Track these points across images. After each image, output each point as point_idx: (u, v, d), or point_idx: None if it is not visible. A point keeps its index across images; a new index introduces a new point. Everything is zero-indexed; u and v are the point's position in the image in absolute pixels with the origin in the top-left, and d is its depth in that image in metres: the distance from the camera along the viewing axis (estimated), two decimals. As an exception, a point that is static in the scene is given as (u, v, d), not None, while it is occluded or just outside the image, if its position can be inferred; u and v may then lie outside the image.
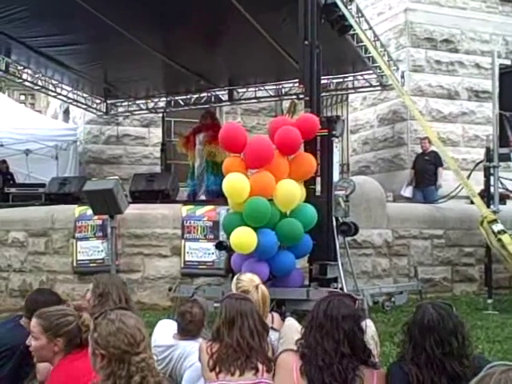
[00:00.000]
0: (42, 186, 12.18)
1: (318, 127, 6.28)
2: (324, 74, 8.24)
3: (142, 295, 8.05)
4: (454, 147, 11.89)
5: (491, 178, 7.97)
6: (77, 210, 8.48)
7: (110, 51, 10.62)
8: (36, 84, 12.97)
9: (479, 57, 12.27)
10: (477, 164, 9.03)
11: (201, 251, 8.09)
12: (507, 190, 8.81)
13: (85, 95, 14.19)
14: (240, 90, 13.58)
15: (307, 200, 6.27)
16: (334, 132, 6.55)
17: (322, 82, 8.09)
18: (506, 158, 8.41)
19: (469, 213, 8.85)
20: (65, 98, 14.13)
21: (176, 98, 14.10)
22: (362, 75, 12.05)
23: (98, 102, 14.62)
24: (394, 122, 12.22)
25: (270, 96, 13.69)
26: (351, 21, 8.08)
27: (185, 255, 8.14)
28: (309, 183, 6.40)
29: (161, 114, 14.79)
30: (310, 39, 6.71)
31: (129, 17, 8.93)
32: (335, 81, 12.43)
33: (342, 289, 6.39)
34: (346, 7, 8.00)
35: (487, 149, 8.24)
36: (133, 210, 7.89)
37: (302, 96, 7.32)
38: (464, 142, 12.14)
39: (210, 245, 7.84)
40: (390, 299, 7.53)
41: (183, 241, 8.17)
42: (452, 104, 12.14)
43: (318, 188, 6.47)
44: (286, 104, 14.55)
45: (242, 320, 3.19)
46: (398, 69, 11.46)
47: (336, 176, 6.68)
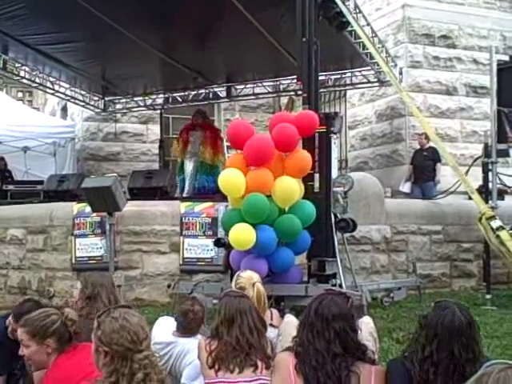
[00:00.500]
0: (40, 183, 12.16)
1: (317, 124, 6.29)
2: (322, 70, 8.25)
3: (141, 292, 8.06)
4: (452, 143, 11.89)
5: (489, 174, 7.99)
6: (75, 207, 8.48)
7: (108, 48, 10.60)
8: (34, 81, 12.93)
9: (477, 52, 12.26)
10: (475, 160, 9.05)
11: (199, 248, 8.10)
12: (505, 185, 8.82)
13: (83, 92, 14.15)
14: (238, 87, 13.56)
15: (306, 196, 6.29)
16: (332, 128, 6.57)
17: (320, 78, 8.10)
18: (504, 154, 8.44)
19: (467, 208, 8.86)
20: (63, 96, 14.11)
21: (174, 95, 14.06)
22: (360, 71, 12.03)
23: (96, 99, 14.58)
24: (392, 117, 12.22)
25: (268, 92, 13.65)
26: (349, 17, 8.08)
27: (183, 252, 8.15)
28: (307, 180, 6.42)
29: (159, 111, 14.77)
30: (308, 36, 6.72)
31: (127, 14, 8.92)
32: (333, 77, 12.40)
33: (340, 285, 6.42)
34: (343, 3, 7.99)
35: (485, 145, 8.26)
36: (131, 206, 7.90)
37: (300, 92, 7.33)
38: (462, 137, 12.14)
39: (209, 241, 7.86)
40: (388, 295, 7.55)
41: (182, 237, 8.18)
42: (450, 100, 12.14)
43: (317, 184, 6.50)
44: (284, 100, 14.58)
45: (241, 318, 3.21)
46: (396, 65, 11.45)
47: (334, 172, 6.70)
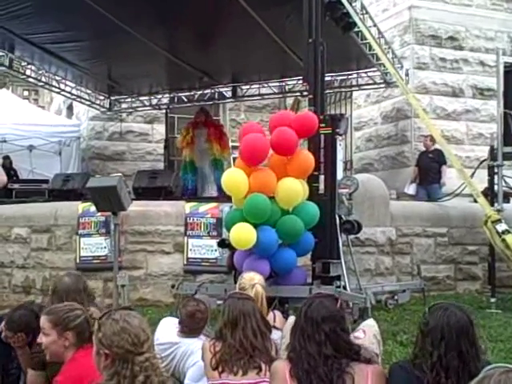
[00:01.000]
0: (45, 181, 12.19)
1: (316, 125, 6.23)
2: (328, 71, 8.22)
3: (145, 292, 8.05)
4: (458, 145, 11.85)
5: (495, 177, 7.95)
6: (80, 206, 8.48)
7: (114, 48, 10.60)
8: (39, 80, 12.96)
9: (484, 54, 12.22)
10: (481, 162, 9.00)
11: (204, 248, 8.09)
12: (511, 188, 8.78)
13: (88, 91, 14.18)
14: (243, 87, 13.55)
15: (310, 198, 6.27)
16: (337, 130, 6.54)
17: (326, 79, 8.08)
18: (511, 157, 8.39)
19: (472, 211, 8.82)
20: (68, 95, 14.13)
21: (179, 95, 14.08)
22: (365, 72, 12.02)
23: (102, 98, 14.61)
24: (397, 119, 12.19)
25: (274, 93, 13.64)
26: (355, 18, 8.06)
27: (188, 252, 8.13)
28: (312, 181, 6.39)
29: (164, 111, 14.79)
30: (314, 37, 6.69)
31: (132, 13, 8.92)
32: (339, 78, 12.39)
33: (344, 287, 6.40)
34: (350, 4, 7.97)
35: (491, 147, 8.22)
36: (136, 206, 7.88)
37: (305, 93, 7.31)
38: (468, 139, 12.09)
39: (213, 242, 7.83)
40: (392, 297, 7.52)
41: (186, 238, 8.17)
42: (456, 102, 12.09)
43: (322, 186, 6.47)
44: (290, 101, 14.58)
45: (244, 320, 3.20)
46: (402, 66, 11.43)
47: (340, 174, 6.67)
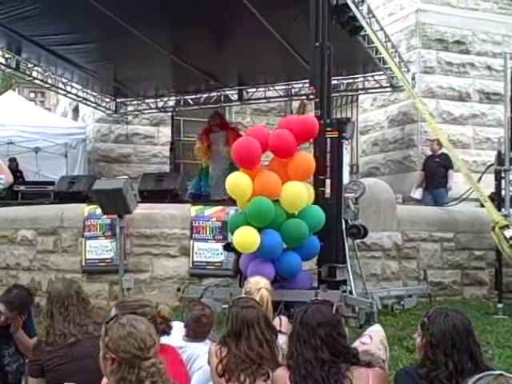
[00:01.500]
0: (51, 183, 12.23)
1: (316, 129, 6.22)
2: (334, 74, 8.19)
3: (150, 295, 8.01)
4: (465, 149, 11.81)
5: (502, 182, 7.92)
6: (86, 208, 8.47)
7: (120, 50, 10.62)
8: (46, 82, 13.00)
9: (491, 58, 12.18)
10: (487, 167, 8.97)
11: (209, 252, 8.07)
12: (518, 193, 8.74)
13: (94, 94, 14.22)
14: (250, 90, 13.56)
15: (316, 202, 6.25)
16: (344, 134, 6.52)
17: (332, 82, 8.05)
18: (518, 162, 8.35)
19: (479, 216, 8.79)
20: (74, 97, 14.17)
21: (185, 98, 14.10)
22: (372, 76, 12.01)
23: (108, 100, 14.65)
24: (404, 123, 12.16)
25: (280, 96, 13.65)
26: (362, 22, 8.05)
27: (193, 255, 8.11)
28: (318, 185, 6.38)
29: (170, 113, 14.79)
30: (321, 41, 6.67)
31: (139, 16, 8.93)
32: (345, 81, 12.39)
33: (350, 292, 6.38)
34: (357, 8, 7.96)
35: (498, 152, 8.19)
36: (141, 209, 7.88)
37: (312, 97, 7.29)
38: (475, 144, 12.05)
39: (219, 245, 7.81)
40: (399, 302, 7.50)
41: (192, 241, 8.14)
42: (463, 106, 12.06)
43: (328, 190, 6.46)
44: (296, 104, 14.59)
45: (248, 330, 3.17)
46: (408, 70, 11.40)
47: (346, 178, 6.65)
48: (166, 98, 14.38)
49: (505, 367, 5.11)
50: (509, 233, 6.85)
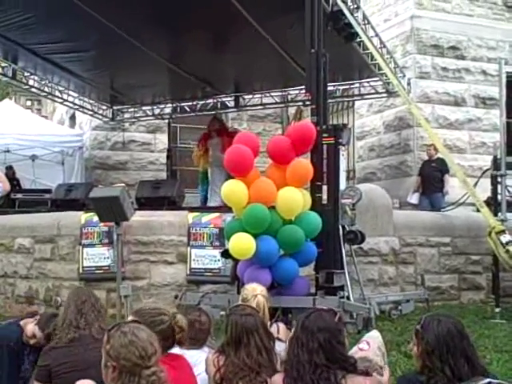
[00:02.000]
0: (48, 191, 12.21)
1: (313, 135, 6.22)
2: (330, 80, 8.23)
3: (148, 302, 8.00)
4: (461, 154, 11.85)
5: (498, 187, 7.94)
6: (83, 216, 8.47)
7: (117, 58, 10.63)
8: (42, 90, 13.02)
9: (486, 64, 12.24)
10: (484, 172, 8.99)
11: (207, 258, 8.07)
12: (515, 198, 8.76)
13: (91, 101, 14.23)
14: (246, 97, 13.59)
15: (313, 208, 6.27)
16: (340, 140, 6.55)
17: (328, 88, 8.07)
18: (514, 167, 8.39)
19: (476, 220, 8.80)
20: (71, 104, 14.18)
21: (182, 105, 14.12)
22: (368, 82, 12.05)
23: (104, 108, 14.66)
24: (400, 128, 12.19)
25: (276, 102, 13.69)
26: (357, 29, 8.08)
27: (191, 262, 8.11)
28: (315, 191, 6.39)
29: (167, 120, 14.81)
30: (317, 47, 6.70)
31: (136, 24, 8.95)
32: (341, 87, 12.43)
33: (348, 297, 6.39)
34: (352, 15, 8.01)
35: (494, 157, 8.21)
36: (139, 217, 7.89)
37: (308, 103, 7.32)
38: (471, 149, 12.09)
39: (216, 252, 7.82)
40: (396, 307, 7.49)
41: (189, 248, 8.15)
42: (458, 111, 12.10)
43: (325, 196, 6.48)
44: (292, 110, 14.60)
45: (247, 338, 3.16)
46: (404, 76, 11.45)
47: (343, 184, 6.68)
48: (162, 105, 14.40)
49: (503, 372, 5.11)
50: (505, 238, 6.86)
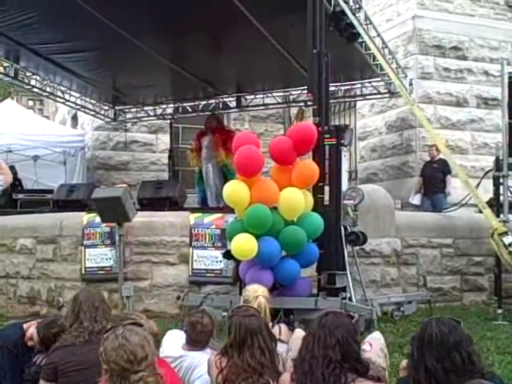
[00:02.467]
0: (50, 192, 12.20)
1: (314, 135, 6.19)
2: (332, 80, 8.21)
3: (150, 303, 8.03)
4: (463, 155, 11.84)
5: (500, 188, 7.93)
6: (85, 217, 8.47)
7: (119, 58, 10.63)
8: (44, 90, 13.02)
9: (488, 64, 12.22)
10: (486, 173, 8.97)
11: (209, 259, 8.06)
12: (517, 198, 8.74)
13: (93, 101, 14.23)
14: (248, 97, 13.58)
15: (315, 209, 6.25)
16: (342, 141, 6.54)
17: (330, 89, 8.07)
18: (516, 168, 8.37)
19: (478, 221, 8.78)
20: (73, 105, 14.18)
21: (184, 105, 14.12)
22: (370, 82, 12.04)
23: (106, 108, 14.66)
24: (402, 129, 12.18)
25: (278, 103, 13.68)
26: (359, 29, 8.07)
27: (193, 263, 8.11)
28: (317, 192, 6.38)
29: (169, 121, 14.80)
30: (319, 48, 6.68)
31: (138, 24, 8.94)
32: (343, 88, 12.41)
33: (350, 298, 6.38)
34: (354, 15, 7.99)
35: (497, 158, 8.20)
36: (141, 217, 7.89)
37: (310, 103, 7.31)
38: (473, 149, 12.07)
39: (218, 253, 7.81)
40: (398, 309, 7.49)
41: (191, 249, 8.14)
42: (461, 111, 12.09)
43: (327, 197, 6.47)
44: (294, 111, 14.59)
45: (251, 340, 3.15)
46: (406, 76, 11.44)
47: (344, 185, 6.67)
48: (164, 106, 14.40)
49: (505, 374, 5.11)
50: (507, 239, 6.85)
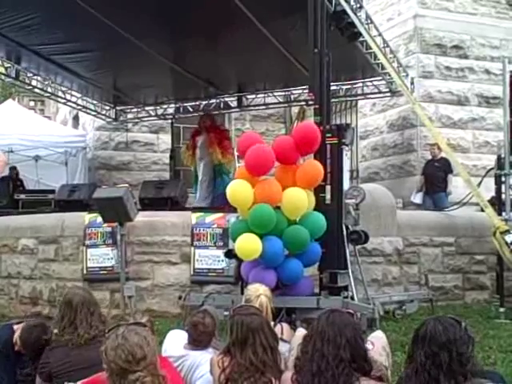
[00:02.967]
0: (52, 192, 12.21)
1: (316, 134, 6.17)
2: (333, 80, 8.22)
3: (152, 303, 8.03)
4: (465, 153, 11.83)
5: (502, 186, 7.92)
6: (87, 217, 8.47)
7: (120, 58, 10.63)
8: (46, 91, 13.02)
9: (489, 62, 12.21)
10: (487, 171, 8.97)
11: (210, 258, 8.06)
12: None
13: (94, 102, 14.24)
14: (249, 97, 13.58)
15: (317, 208, 6.25)
16: (343, 140, 6.52)
17: (332, 88, 8.07)
18: (518, 166, 8.35)
19: (480, 220, 8.79)
20: (74, 105, 14.18)
21: (185, 105, 14.13)
22: (371, 81, 12.03)
23: (108, 108, 14.67)
24: (403, 128, 12.17)
25: (279, 102, 13.69)
26: (360, 28, 8.06)
27: (194, 263, 8.11)
28: (319, 191, 6.37)
29: (170, 121, 14.81)
30: (320, 47, 6.68)
31: (138, 24, 8.94)
32: (344, 87, 12.41)
33: (352, 297, 6.37)
34: (355, 14, 7.98)
35: (498, 156, 8.20)
36: (142, 217, 7.90)
37: (311, 103, 7.30)
38: (474, 148, 12.07)
39: (220, 252, 7.82)
40: (400, 307, 7.48)
41: (193, 248, 8.14)
42: (462, 110, 12.08)
43: (328, 196, 6.45)
44: (295, 110, 14.60)
45: (253, 338, 3.16)
46: (407, 75, 11.43)
47: (346, 184, 6.66)
48: (165, 106, 14.40)
49: (508, 372, 5.10)
50: (510, 238, 6.84)
